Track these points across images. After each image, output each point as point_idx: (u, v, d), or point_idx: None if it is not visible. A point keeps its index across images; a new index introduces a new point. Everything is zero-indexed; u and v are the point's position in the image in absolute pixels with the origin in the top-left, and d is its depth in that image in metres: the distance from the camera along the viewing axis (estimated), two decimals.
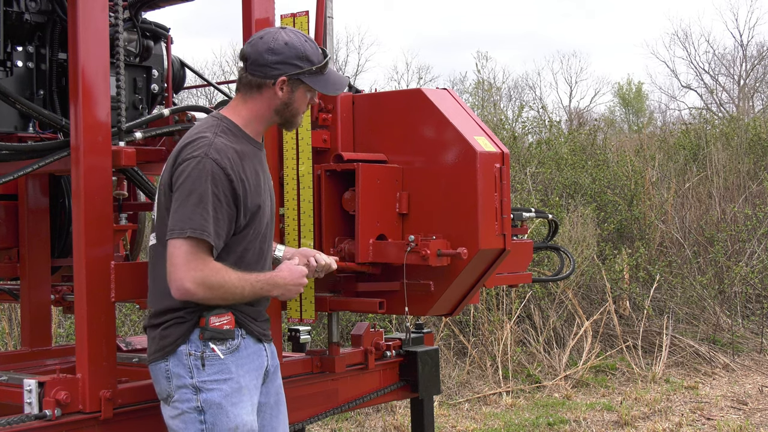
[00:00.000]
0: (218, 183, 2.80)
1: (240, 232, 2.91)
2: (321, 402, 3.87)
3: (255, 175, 2.96)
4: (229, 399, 2.88)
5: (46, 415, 2.99)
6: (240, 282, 2.84)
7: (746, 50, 31.53)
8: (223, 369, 2.89)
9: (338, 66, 24.81)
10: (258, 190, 2.95)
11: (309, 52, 2.97)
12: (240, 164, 2.88)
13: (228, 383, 2.89)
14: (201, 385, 2.87)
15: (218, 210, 2.80)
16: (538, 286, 8.65)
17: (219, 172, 2.81)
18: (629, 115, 33.05)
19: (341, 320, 6.67)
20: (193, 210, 2.77)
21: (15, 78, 3.43)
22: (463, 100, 3.77)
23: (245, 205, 2.89)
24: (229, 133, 2.94)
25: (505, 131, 12.42)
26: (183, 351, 2.88)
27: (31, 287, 4.10)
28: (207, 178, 2.79)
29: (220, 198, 2.80)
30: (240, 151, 2.91)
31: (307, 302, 3.67)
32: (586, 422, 6.92)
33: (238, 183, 2.85)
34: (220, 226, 2.81)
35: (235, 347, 2.92)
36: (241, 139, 2.96)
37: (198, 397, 2.87)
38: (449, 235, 3.48)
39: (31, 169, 3.31)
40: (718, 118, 18.88)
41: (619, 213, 10.47)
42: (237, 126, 2.98)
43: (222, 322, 2.88)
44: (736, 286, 9.90)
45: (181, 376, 2.88)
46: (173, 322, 2.90)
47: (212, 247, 2.79)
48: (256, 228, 2.97)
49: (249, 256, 2.97)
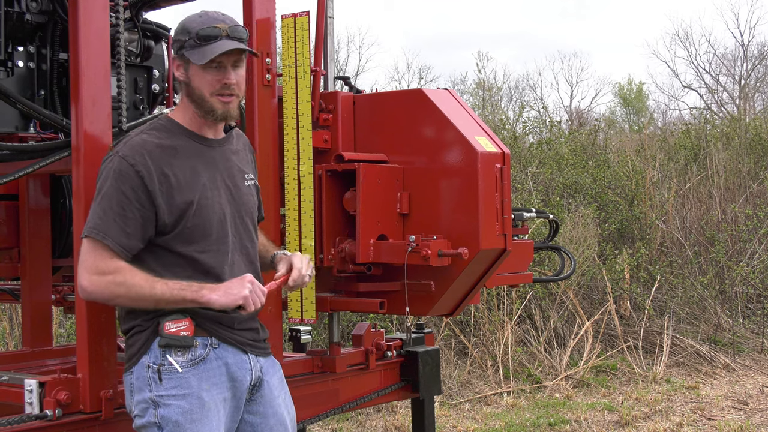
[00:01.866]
0: (125, 180, 2.68)
1: (171, 231, 2.74)
2: (322, 402, 3.87)
3: (190, 171, 2.77)
4: (188, 416, 2.69)
5: (46, 415, 2.99)
6: (146, 281, 2.66)
7: (747, 50, 31.53)
8: (182, 383, 2.71)
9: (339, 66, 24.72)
10: (191, 186, 2.76)
11: (190, 24, 2.77)
12: (164, 159, 2.73)
13: (186, 399, 2.70)
14: (158, 399, 2.71)
15: (126, 208, 2.67)
16: (538, 286, 8.65)
17: (127, 168, 2.69)
18: (630, 115, 33.05)
19: (342, 320, 6.68)
20: (95, 209, 2.70)
21: (16, 78, 3.43)
22: (463, 101, 3.78)
23: (169, 203, 2.72)
24: (161, 129, 2.81)
25: (506, 131, 12.41)
26: (144, 362, 2.74)
27: (32, 287, 4.10)
28: (112, 176, 2.69)
29: (128, 196, 2.68)
30: (168, 146, 2.76)
31: (307, 302, 3.67)
32: (586, 422, 6.91)
33: (152, 179, 2.69)
34: (129, 225, 2.68)
35: (198, 359, 2.74)
36: (178, 135, 2.81)
37: (156, 412, 2.71)
38: (450, 236, 3.48)
39: (32, 169, 3.31)
40: (719, 118, 18.88)
41: (620, 213, 10.47)
42: (175, 123, 2.84)
43: (179, 328, 2.70)
44: (737, 286, 9.90)
45: (141, 389, 2.75)
46: (135, 331, 2.78)
47: (118, 248, 2.66)
48: (197, 227, 2.76)
49: (205, 258, 2.78)
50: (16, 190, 4.13)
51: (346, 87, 4.04)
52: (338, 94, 3.77)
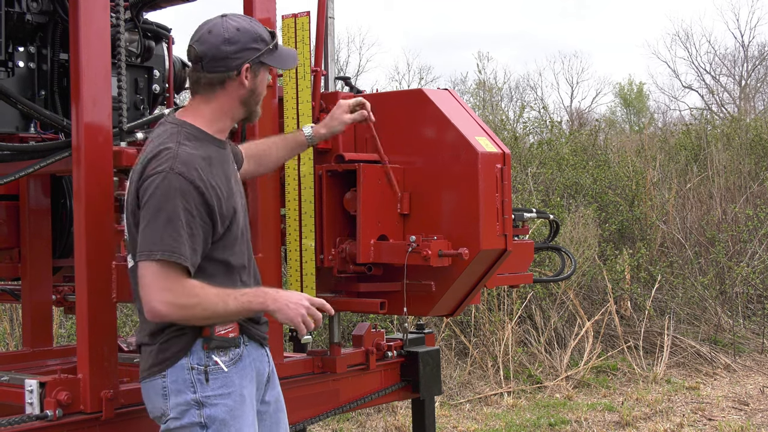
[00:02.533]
0: (188, 198, 2.66)
1: (220, 240, 2.78)
2: (322, 402, 3.87)
3: (225, 179, 2.82)
4: (232, 413, 2.77)
5: (47, 416, 3.00)
6: (219, 298, 2.69)
7: (747, 50, 31.55)
8: (227, 382, 2.79)
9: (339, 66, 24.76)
10: (230, 194, 2.82)
11: (261, 31, 2.87)
12: (209, 171, 2.73)
13: (231, 397, 2.78)
14: (205, 400, 2.75)
15: (192, 226, 2.66)
16: (539, 287, 8.65)
17: (187, 186, 2.66)
18: (630, 116, 33.04)
19: (342, 321, 6.69)
20: (163, 230, 2.63)
21: (16, 78, 3.43)
22: (464, 101, 3.78)
23: (221, 214, 2.75)
24: (193, 140, 2.78)
25: (506, 132, 12.41)
26: (184, 365, 2.75)
27: (33, 287, 4.10)
28: (175, 194, 2.64)
29: (192, 213, 2.66)
30: (207, 157, 2.76)
31: None
32: (587, 423, 6.91)
33: (209, 193, 2.71)
34: (196, 242, 2.67)
35: (237, 357, 2.82)
36: (206, 143, 2.81)
37: (201, 413, 2.75)
38: (450, 236, 3.48)
39: (32, 169, 3.31)
40: (719, 118, 18.88)
41: (621, 213, 10.47)
42: (199, 129, 2.82)
43: (227, 330, 2.79)
44: (738, 287, 9.90)
45: (180, 392, 2.75)
46: (172, 335, 2.77)
47: (186, 267, 2.65)
48: (234, 232, 2.84)
49: (234, 260, 2.85)
50: (16, 190, 4.13)
51: (346, 87, 4.04)
52: (339, 95, 3.77)
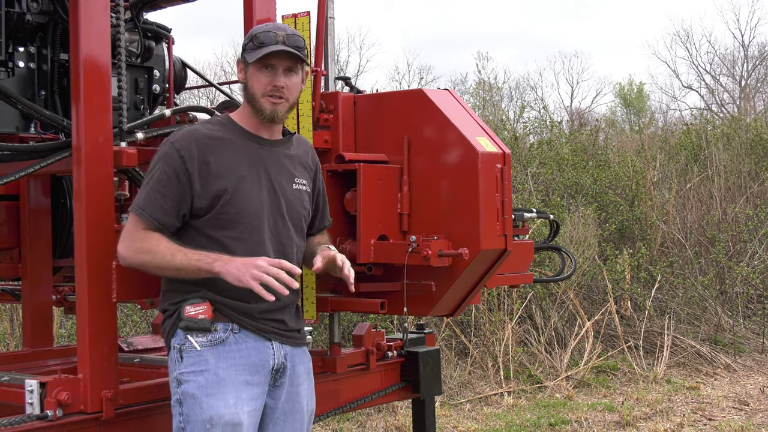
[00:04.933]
0: (169, 162, 2.90)
1: (205, 215, 2.92)
2: (322, 402, 3.86)
3: (233, 162, 2.95)
4: (203, 390, 2.86)
5: (47, 416, 3.00)
6: (169, 250, 2.86)
7: (747, 50, 31.53)
8: (200, 361, 2.89)
9: (340, 67, 24.79)
10: (228, 176, 2.92)
11: (255, 30, 3.00)
12: (210, 148, 2.93)
13: (204, 374, 2.87)
14: (180, 377, 2.91)
15: (165, 187, 2.89)
16: (539, 287, 8.65)
17: (172, 152, 2.91)
18: (630, 116, 33.02)
19: (343, 321, 6.68)
20: (142, 189, 2.95)
21: (17, 78, 3.43)
22: (464, 101, 3.78)
23: (204, 188, 2.90)
24: (216, 123, 3.04)
25: (507, 132, 12.42)
26: (172, 345, 2.95)
27: (33, 288, 4.10)
28: (160, 159, 2.93)
29: (170, 176, 2.89)
30: (219, 137, 2.97)
31: (308, 303, 3.67)
32: (587, 423, 6.91)
33: (193, 161, 2.90)
34: (167, 203, 2.89)
35: (218, 341, 2.90)
36: (231, 130, 3.02)
37: (179, 390, 2.90)
38: (450, 236, 3.48)
39: (32, 169, 3.31)
40: (720, 118, 18.89)
41: (621, 213, 10.47)
42: (232, 120, 3.05)
43: (197, 311, 2.89)
44: (738, 287, 9.90)
45: (171, 370, 2.96)
46: (166, 315, 3.00)
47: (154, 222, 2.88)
48: (229, 214, 2.91)
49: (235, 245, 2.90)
50: (16, 190, 4.13)
51: (346, 87, 4.04)
52: (339, 95, 3.77)
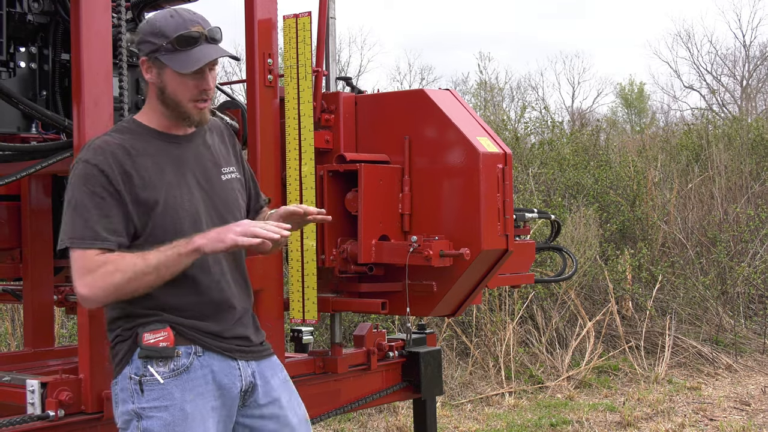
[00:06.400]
0: (93, 182, 2.58)
1: (142, 235, 2.63)
2: (323, 402, 3.87)
3: (154, 169, 2.66)
4: (169, 428, 2.60)
5: (48, 416, 3.00)
6: (137, 257, 2.54)
7: (749, 51, 31.52)
8: (164, 395, 2.61)
9: (341, 67, 24.81)
10: (155, 185, 2.64)
11: (166, 26, 2.63)
12: (126, 159, 2.61)
13: (169, 410, 2.61)
14: (140, 411, 2.62)
15: (104, 207, 2.57)
16: (540, 287, 8.64)
17: (91, 170, 2.58)
18: (632, 116, 33.01)
19: (344, 321, 6.68)
20: (72, 218, 2.58)
21: (18, 79, 3.44)
22: (465, 101, 3.78)
23: (134, 202, 2.60)
24: (124, 131, 2.70)
25: (508, 132, 12.41)
26: (126, 373, 2.66)
27: (34, 288, 4.11)
28: (80, 182, 2.59)
29: (102, 195, 2.57)
30: (132, 147, 2.64)
31: (309, 303, 3.67)
32: (588, 423, 6.91)
33: (116, 177, 2.58)
34: (115, 222, 2.57)
35: (181, 368, 2.64)
36: (141, 135, 2.70)
37: (139, 425, 2.62)
38: (452, 236, 3.48)
39: (34, 169, 3.31)
40: (721, 118, 18.85)
41: (622, 213, 10.46)
42: (138, 122, 2.73)
43: (157, 339, 2.61)
44: (739, 287, 9.90)
45: (125, 401, 2.66)
46: (117, 340, 2.70)
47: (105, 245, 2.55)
48: (166, 227, 2.64)
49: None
50: (17, 190, 4.14)
51: (347, 87, 4.04)
52: (340, 95, 3.78)
